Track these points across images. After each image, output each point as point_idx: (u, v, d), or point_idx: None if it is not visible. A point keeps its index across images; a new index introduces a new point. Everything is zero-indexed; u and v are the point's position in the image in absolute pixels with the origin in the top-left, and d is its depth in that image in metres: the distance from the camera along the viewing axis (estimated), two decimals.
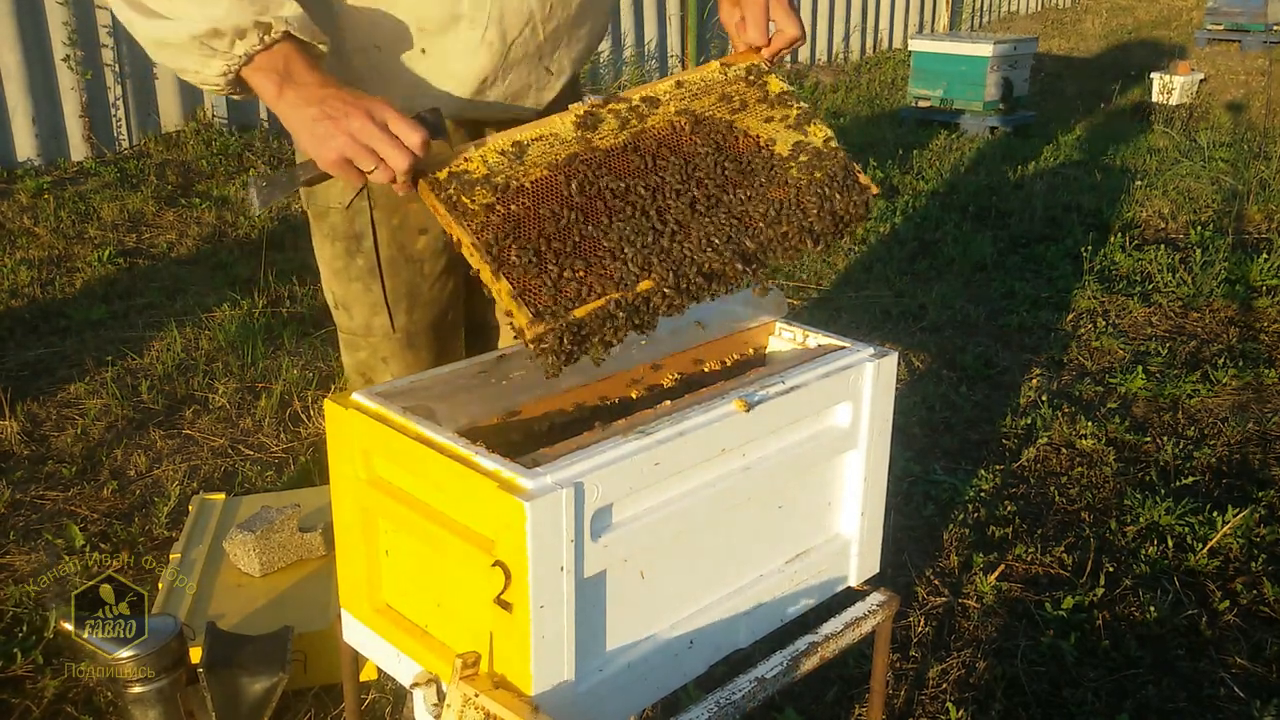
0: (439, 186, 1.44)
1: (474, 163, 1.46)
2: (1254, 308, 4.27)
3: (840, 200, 1.58)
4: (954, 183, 6.08)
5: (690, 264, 1.47)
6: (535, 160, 1.48)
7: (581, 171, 1.48)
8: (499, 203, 1.43)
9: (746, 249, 1.51)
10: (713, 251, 1.49)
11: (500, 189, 1.44)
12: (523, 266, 1.40)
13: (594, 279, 1.42)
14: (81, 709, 2.15)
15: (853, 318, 4.18)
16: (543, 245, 1.42)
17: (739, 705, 1.42)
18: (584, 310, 1.40)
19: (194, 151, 6.44)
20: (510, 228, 1.42)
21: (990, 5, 13.59)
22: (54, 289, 4.41)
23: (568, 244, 1.43)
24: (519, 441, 1.51)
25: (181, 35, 1.36)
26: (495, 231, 1.41)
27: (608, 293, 1.42)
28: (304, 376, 3.57)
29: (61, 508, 2.89)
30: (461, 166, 1.45)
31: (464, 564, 1.32)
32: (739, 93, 1.65)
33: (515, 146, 1.49)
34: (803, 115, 1.64)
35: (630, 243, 1.45)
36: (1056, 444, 3.20)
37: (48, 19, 6.02)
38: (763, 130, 1.62)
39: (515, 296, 1.38)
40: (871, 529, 1.70)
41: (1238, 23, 11.34)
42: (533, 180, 1.46)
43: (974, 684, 2.24)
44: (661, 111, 1.58)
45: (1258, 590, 2.52)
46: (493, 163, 1.46)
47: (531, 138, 1.50)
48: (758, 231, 1.53)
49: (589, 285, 1.41)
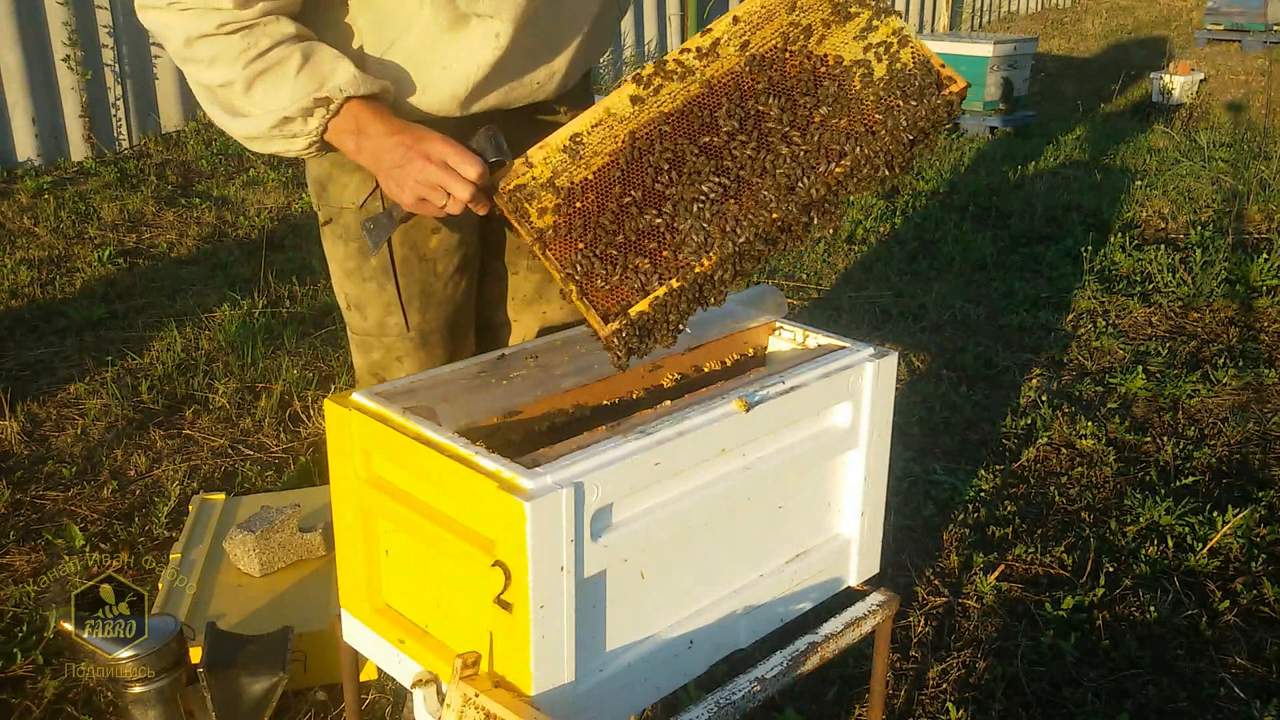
0: (509, 198, 1.49)
1: (538, 168, 1.49)
2: (1254, 308, 4.27)
3: (918, 108, 1.48)
4: (954, 183, 6.08)
5: (749, 228, 1.46)
6: (595, 149, 1.49)
7: (637, 151, 1.48)
8: (564, 204, 1.48)
9: (811, 196, 1.47)
10: (775, 208, 1.46)
11: (563, 191, 1.47)
12: (588, 268, 1.46)
13: (656, 269, 1.46)
14: (81, 709, 2.15)
15: (853, 318, 4.18)
16: (605, 243, 1.46)
17: (739, 705, 1.42)
18: (645, 304, 1.46)
19: (194, 151, 6.44)
20: (575, 229, 1.47)
21: (990, 5, 13.59)
22: (54, 289, 4.41)
23: (629, 236, 1.46)
24: (519, 441, 1.51)
25: (262, 128, 1.53)
26: (561, 236, 1.46)
27: (668, 282, 1.46)
28: (304, 376, 3.57)
29: (61, 508, 2.89)
30: (527, 175, 1.49)
31: (464, 564, 1.32)
32: (802, 11, 1.54)
33: (574, 141, 1.49)
34: (874, 16, 1.52)
35: (687, 223, 1.46)
36: (1056, 444, 3.20)
37: (48, 19, 6.03)
38: (831, 49, 1.52)
39: (584, 299, 1.46)
40: (871, 529, 1.70)
41: (1237, 23, 11.34)
42: (594, 171, 1.48)
43: (974, 684, 2.24)
44: (722, 56, 1.52)
45: (1258, 590, 2.52)
46: (555, 163, 1.49)
47: (590, 125, 1.50)
48: (824, 172, 1.47)
49: (651, 277, 1.46)
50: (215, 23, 1.46)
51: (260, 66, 1.49)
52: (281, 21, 1.49)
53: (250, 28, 1.47)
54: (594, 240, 1.47)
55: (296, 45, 1.50)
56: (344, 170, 1.71)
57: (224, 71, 1.50)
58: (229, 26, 1.46)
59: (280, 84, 1.50)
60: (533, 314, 1.95)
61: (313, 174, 1.76)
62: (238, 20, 1.46)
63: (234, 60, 1.48)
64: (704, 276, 1.47)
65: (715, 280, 1.48)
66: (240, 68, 1.48)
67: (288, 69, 1.49)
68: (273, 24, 1.49)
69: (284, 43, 1.49)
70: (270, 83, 1.50)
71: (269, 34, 1.48)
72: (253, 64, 1.48)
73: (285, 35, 1.49)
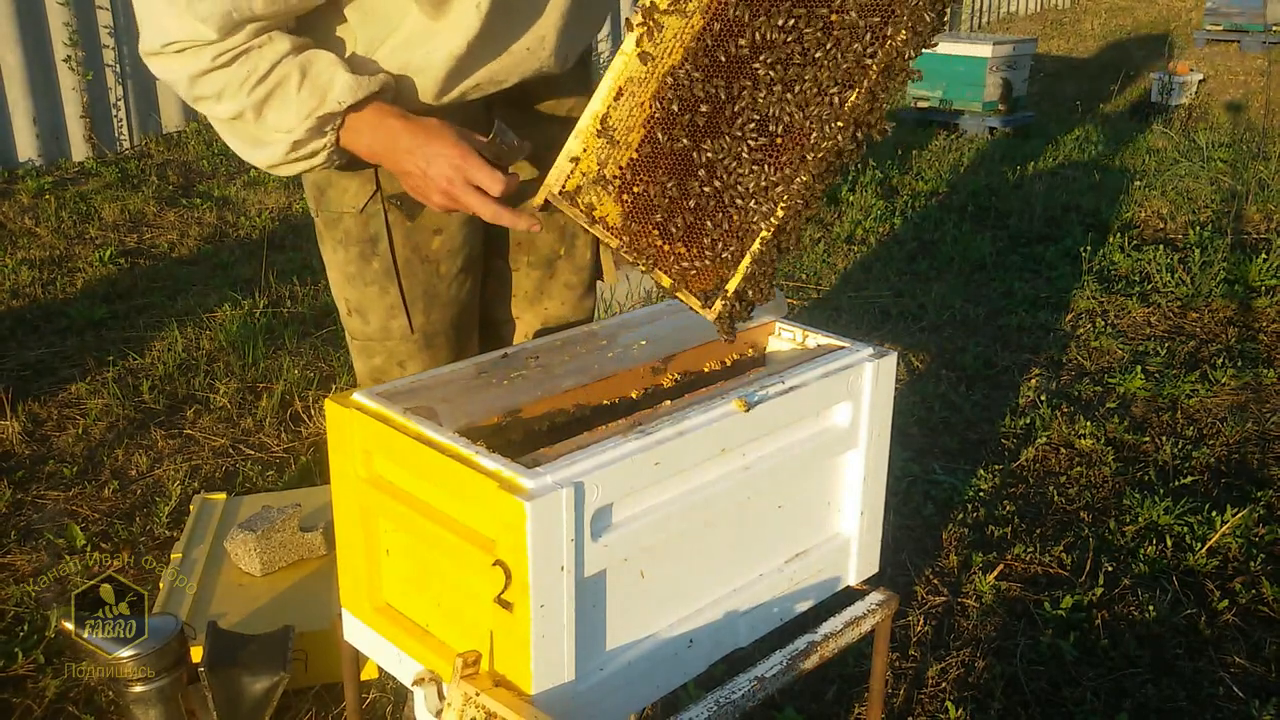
0: (570, 202, 1.48)
1: (584, 161, 1.46)
2: (1253, 308, 4.27)
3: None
4: (953, 183, 6.08)
5: (804, 172, 1.43)
6: (627, 125, 1.44)
7: (669, 115, 1.42)
8: (623, 193, 1.46)
9: (854, 116, 1.43)
10: (820, 137, 1.42)
11: (614, 181, 1.45)
12: (670, 254, 1.47)
13: (730, 239, 1.47)
14: (82, 709, 2.15)
15: (853, 318, 4.19)
16: (676, 225, 1.46)
17: (739, 705, 1.42)
18: (738, 278, 1.48)
19: (195, 151, 6.45)
20: (642, 215, 1.46)
21: (990, 5, 13.59)
22: (55, 289, 4.41)
23: (695, 209, 1.46)
24: (519, 441, 1.52)
25: (279, 154, 1.54)
26: (632, 230, 1.46)
27: (747, 248, 1.46)
28: (305, 376, 3.57)
29: (62, 508, 2.89)
30: (576, 172, 1.46)
31: (464, 564, 1.32)
32: None
33: (602, 123, 1.44)
34: None
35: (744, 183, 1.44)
36: (1055, 444, 3.20)
37: (48, 19, 6.03)
38: None
39: (678, 289, 1.48)
40: (871, 529, 1.71)
41: (1237, 23, 11.33)
42: (636, 149, 1.44)
43: (973, 683, 2.24)
44: None
45: (1257, 590, 2.53)
46: (597, 151, 1.45)
47: (612, 100, 1.43)
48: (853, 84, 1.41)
49: (730, 248, 1.47)
50: (209, 56, 1.45)
51: (264, 91, 1.48)
52: (276, 39, 1.48)
53: (246, 53, 1.46)
54: (664, 225, 1.46)
55: (294, 60, 1.48)
56: (343, 174, 1.69)
57: (232, 103, 1.49)
58: (224, 57, 1.45)
59: (286, 104, 1.49)
60: (534, 312, 1.95)
61: (311, 179, 1.73)
62: (231, 48, 1.45)
63: (239, 89, 1.47)
64: (778, 228, 1.47)
65: (789, 229, 1.48)
66: (245, 95, 1.47)
67: (289, 88, 1.48)
68: (268, 45, 1.47)
69: (281, 61, 1.47)
70: (277, 105, 1.49)
71: (266, 56, 1.47)
72: (256, 89, 1.47)
73: (281, 53, 1.47)
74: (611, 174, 1.45)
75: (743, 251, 1.48)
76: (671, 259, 1.49)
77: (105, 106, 6.36)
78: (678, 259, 1.49)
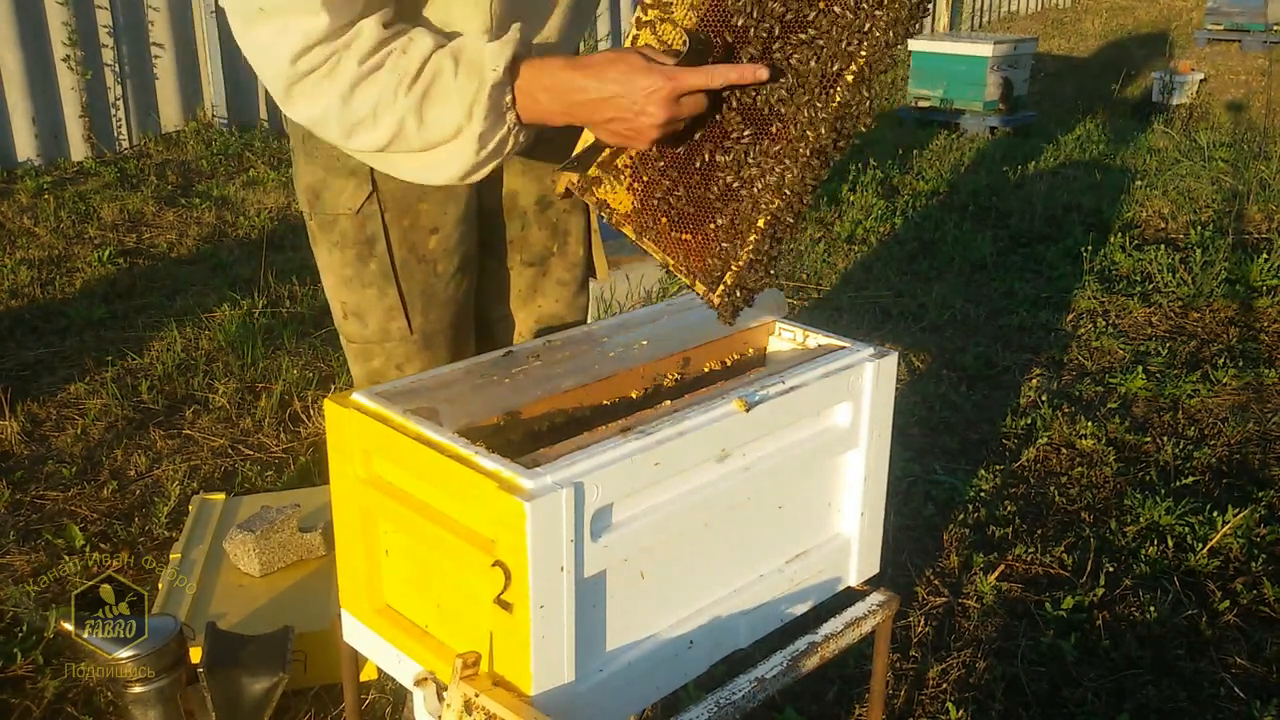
0: (587, 188, 1.51)
1: (605, 149, 1.48)
2: (1254, 308, 4.27)
3: None
4: (954, 183, 6.08)
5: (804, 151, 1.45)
6: None
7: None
8: (633, 182, 1.49)
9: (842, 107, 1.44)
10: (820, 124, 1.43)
11: (625, 170, 1.48)
12: (678, 240, 1.50)
13: (734, 227, 1.49)
14: (81, 709, 2.15)
15: (853, 318, 4.18)
16: (684, 211, 1.49)
17: (739, 705, 1.42)
18: (739, 266, 1.49)
19: (194, 151, 6.45)
20: (652, 203, 1.49)
21: (990, 5, 13.59)
22: (54, 289, 4.41)
23: (696, 199, 1.49)
24: (519, 441, 1.51)
25: (469, 158, 1.43)
26: (641, 215, 1.49)
27: (750, 235, 1.48)
28: (304, 376, 3.57)
29: (61, 508, 2.89)
30: (597, 162, 1.48)
31: (464, 564, 1.32)
32: None
33: None
34: None
35: (745, 169, 1.46)
36: (1056, 444, 3.20)
37: (48, 19, 6.03)
38: None
39: (686, 274, 1.51)
40: (871, 529, 1.70)
41: (1238, 23, 11.33)
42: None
43: (974, 684, 2.24)
44: None
45: (1258, 590, 2.52)
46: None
47: None
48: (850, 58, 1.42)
49: (733, 236, 1.49)
50: (355, 60, 1.33)
51: (421, 89, 1.37)
52: (418, 37, 1.37)
53: (390, 54, 1.36)
54: (670, 213, 1.50)
55: (444, 52, 1.38)
56: (338, 175, 1.67)
57: (390, 114, 1.37)
58: (371, 60, 1.35)
59: (447, 97, 1.37)
60: (528, 310, 1.95)
61: (305, 181, 1.70)
62: (371, 47, 1.35)
63: (394, 95, 1.36)
64: (775, 218, 1.49)
65: (784, 219, 1.50)
66: (404, 97, 1.37)
67: (445, 79, 1.37)
68: (411, 45, 1.37)
69: (431, 56, 1.37)
70: (438, 100, 1.38)
71: (413, 55, 1.36)
72: (413, 89, 1.37)
73: (429, 49, 1.37)
74: (623, 164, 1.49)
75: (743, 240, 1.51)
76: (678, 247, 1.52)
77: (104, 106, 6.36)
78: (684, 247, 1.52)
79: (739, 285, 1.54)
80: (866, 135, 7.17)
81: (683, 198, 1.50)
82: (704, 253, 1.52)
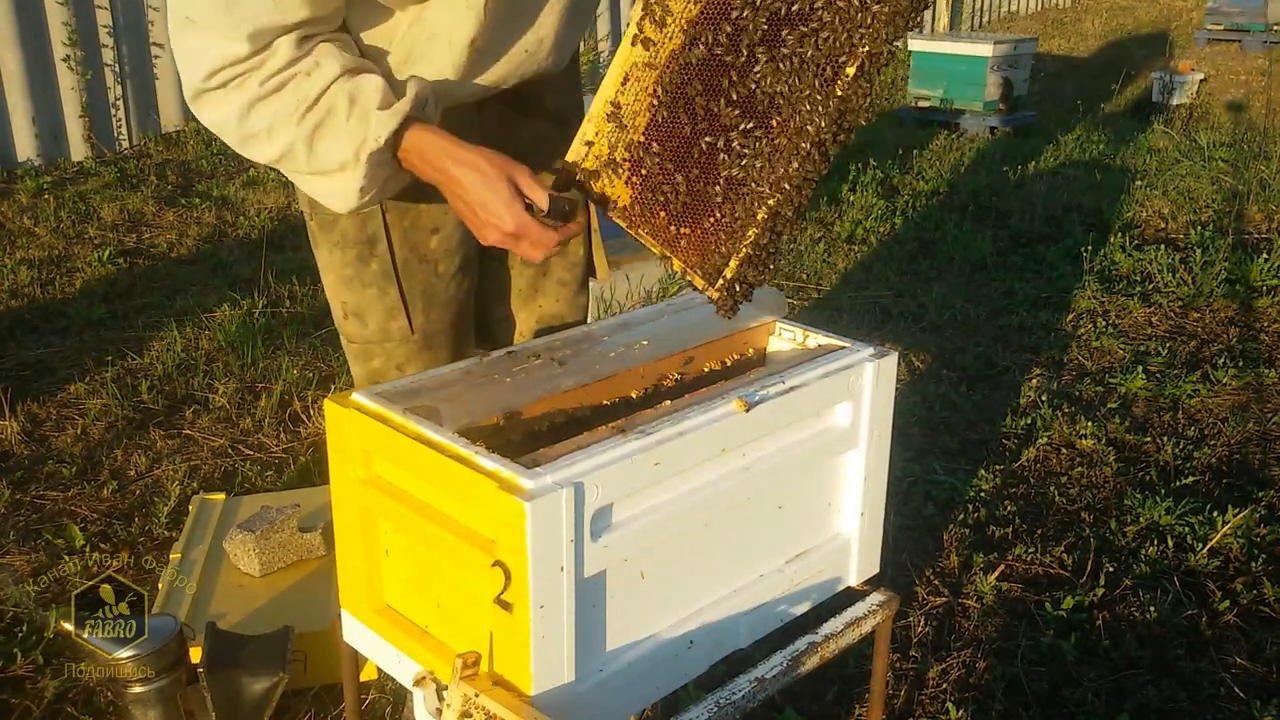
0: (585, 183, 1.51)
1: (597, 145, 1.49)
2: (1254, 308, 4.27)
3: None
4: (954, 183, 6.08)
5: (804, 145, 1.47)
6: (634, 109, 1.46)
7: (671, 98, 1.45)
8: (632, 175, 1.49)
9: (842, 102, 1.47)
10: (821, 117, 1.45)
11: (624, 164, 1.48)
12: (677, 236, 1.51)
13: (733, 221, 1.50)
14: (81, 709, 2.15)
15: (853, 318, 4.18)
16: (682, 204, 1.50)
17: (739, 705, 1.42)
18: (736, 261, 1.51)
19: (194, 151, 6.45)
20: (649, 197, 1.50)
21: (990, 5, 13.59)
22: (54, 289, 4.41)
23: (695, 192, 1.50)
24: (519, 441, 1.51)
25: (354, 196, 1.50)
26: (640, 211, 1.50)
27: (749, 231, 1.50)
28: (304, 376, 3.57)
29: (61, 508, 2.89)
30: (589, 156, 1.49)
31: (464, 564, 1.32)
32: None
33: (611, 107, 1.46)
34: None
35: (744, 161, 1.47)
36: (1056, 444, 3.20)
37: (48, 19, 6.03)
38: None
39: (685, 269, 1.53)
40: (871, 529, 1.70)
41: (1238, 23, 11.33)
42: (643, 133, 1.47)
43: (974, 684, 2.24)
44: None
45: (1258, 590, 2.52)
46: (608, 135, 1.48)
47: (619, 84, 1.46)
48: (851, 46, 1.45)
49: (732, 230, 1.51)
50: (257, 81, 1.39)
51: (315, 119, 1.42)
52: (325, 63, 1.42)
53: (294, 77, 1.41)
54: (669, 207, 1.51)
55: (344, 86, 1.43)
56: None
57: (284, 135, 1.43)
58: (272, 82, 1.40)
59: (336, 135, 1.43)
60: (529, 310, 1.95)
61: None
62: (277, 69, 1.40)
63: (289, 119, 1.42)
64: (774, 212, 1.51)
65: (784, 213, 1.52)
66: (296, 125, 1.42)
67: (338, 118, 1.42)
68: (316, 71, 1.41)
69: (331, 86, 1.42)
70: (328, 135, 1.44)
71: (315, 82, 1.41)
72: (306, 117, 1.42)
73: (331, 78, 1.42)
74: (621, 157, 1.49)
75: (742, 234, 1.52)
76: (678, 241, 1.52)
77: (104, 106, 6.36)
78: (683, 241, 1.52)
79: (738, 279, 1.54)
80: (866, 135, 7.18)
81: (682, 190, 1.50)
82: (703, 246, 1.52)
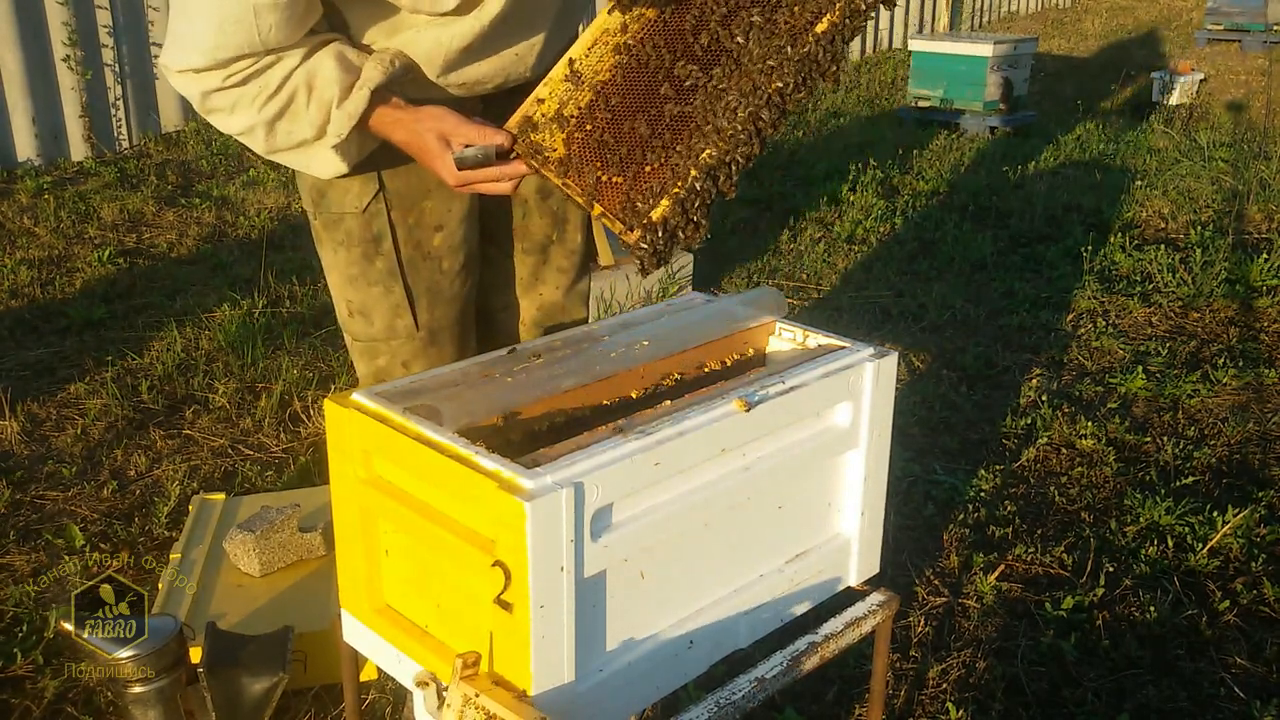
0: (522, 141, 1.56)
1: (547, 102, 1.54)
2: (1254, 308, 4.27)
3: None
4: (954, 183, 6.08)
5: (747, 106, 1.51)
6: (594, 69, 1.53)
7: (634, 59, 1.52)
8: (575, 130, 1.54)
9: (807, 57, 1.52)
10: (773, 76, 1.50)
11: (571, 119, 1.53)
12: (605, 183, 1.55)
13: (663, 173, 1.54)
14: (81, 709, 2.15)
15: (853, 318, 4.18)
16: (618, 157, 1.54)
17: (739, 705, 1.42)
18: (664, 207, 1.55)
19: (194, 151, 6.44)
20: (589, 152, 1.54)
21: (990, 5, 13.59)
22: (54, 289, 4.41)
23: (639, 143, 1.54)
24: (519, 441, 1.51)
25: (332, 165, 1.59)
26: (576, 163, 1.54)
27: (676, 185, 1.53)
28: (304, 376, 3.57)
29: (61, 508, 2.89)
30: (536, 111, 1.55)
31: (464, 564, 1.32)
32: None
33: (569, 66, 1.53)
34: None
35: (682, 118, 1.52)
36: (1056, 444, 3.20)
37: (48, 19, 6.03)
38: None
39: (606, 214, 1.57)
40: (871, 529, 1.70)
41: (1238, 23, 11.33)
42: (596, 91, 1.54)
43: (974, 684, 2.24)
44: None
45: (1258, 590, 2.52)
46: (561, 94, 1.54)
47: (585, 49, 1.54)
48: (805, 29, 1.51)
49: (666, 179, 1.54)
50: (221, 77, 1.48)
51: (276, 107, 1.50)
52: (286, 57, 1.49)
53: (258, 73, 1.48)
54: (607, 157, 1.54)
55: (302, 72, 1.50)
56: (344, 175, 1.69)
57: (244, 117, 1.52)
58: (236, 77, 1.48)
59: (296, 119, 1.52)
60: (530, 298, 1.96)
61: (309, 181, 1.71)
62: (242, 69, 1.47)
63: (250, 104, 1.50)
64: (719, 161, 1.54)
65: (729, 164, 1.55)
66: (257, 111, 1.50)
67: (299, 105, 1.51)
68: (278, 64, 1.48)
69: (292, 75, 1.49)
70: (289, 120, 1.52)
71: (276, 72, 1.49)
72: (268, 105, 1.50)
73: (291, 67, 1.49)
74: (570, 112, 1.55)
75: (681, 177, 1.55)
76: (606, 188, 1.57)
77: (104, 106, 6.35)
78: (609, 190, 1.57)
79: (663, 224, 1.57)
80: (866, 135, 7.18)
81: (625, 140, 1.54)
82: (630, 192, 1.56)
